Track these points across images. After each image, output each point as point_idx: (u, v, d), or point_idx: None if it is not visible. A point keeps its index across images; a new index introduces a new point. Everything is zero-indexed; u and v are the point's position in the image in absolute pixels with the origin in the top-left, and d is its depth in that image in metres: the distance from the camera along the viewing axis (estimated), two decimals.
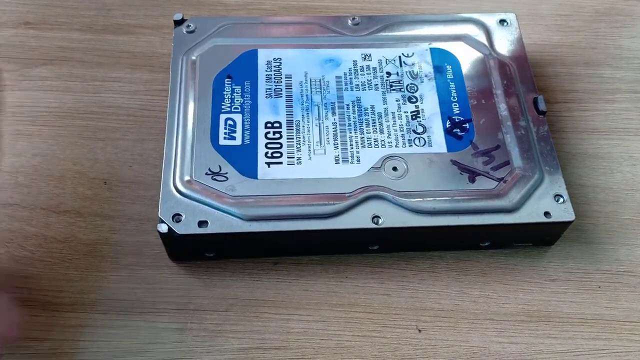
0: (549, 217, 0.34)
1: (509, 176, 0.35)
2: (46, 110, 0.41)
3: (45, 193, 0.38)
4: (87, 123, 0.41)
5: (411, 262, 0.37)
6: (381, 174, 0.35)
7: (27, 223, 0.37)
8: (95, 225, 0.37)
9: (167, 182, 0.34)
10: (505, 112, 0.37)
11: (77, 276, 0.35)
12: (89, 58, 0.44)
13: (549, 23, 0.48)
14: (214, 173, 0.35)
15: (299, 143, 0.36)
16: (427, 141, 0.36)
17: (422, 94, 0.38)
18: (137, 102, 0.42)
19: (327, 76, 0.39)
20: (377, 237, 0.35)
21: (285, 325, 0.34)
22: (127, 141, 0.40)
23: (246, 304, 0.35)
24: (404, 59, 0.39)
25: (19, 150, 0.40)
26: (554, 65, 0.45)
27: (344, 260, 0.36)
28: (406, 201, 0.34)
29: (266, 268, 0.36)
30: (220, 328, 0.34)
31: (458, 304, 0.35)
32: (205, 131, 0.36)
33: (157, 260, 0.36)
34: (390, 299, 0.35)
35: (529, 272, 0.37)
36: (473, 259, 0.37)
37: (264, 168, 0.35)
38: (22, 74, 0.43)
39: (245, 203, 0.34)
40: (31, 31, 0.45)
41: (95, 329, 0.34)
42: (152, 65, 0.44)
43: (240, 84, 0.38)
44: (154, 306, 0.35)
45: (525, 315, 0.35)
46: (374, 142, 0.36)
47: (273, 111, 0.37)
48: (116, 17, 0.46)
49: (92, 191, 0.38)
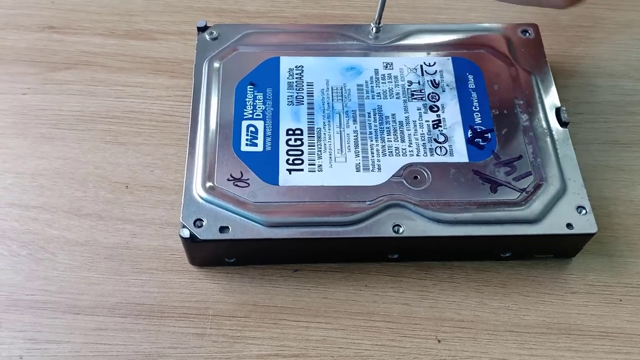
0: (571, 229, 0.33)
1: (531, 187, 0.35)
2: (69, 114, 0.42)
3: (67, 196, 0.38)
4: (110, 127, 0.41)
5: (430, 271, 0.36)
6: (402, 183, 0.35)
7: (49, 225, 0.37)
8: (116, 228, 0.37)
9: (190, 187, 0.34)
10: (527, 123, 0.37)
11: (97, 279, 0.36)
12: (112, 63, 0.44)
13: (570, 34, 0.48)
14: (236, 179, 0.35)
15: (320, 150, 0.36)
16: (449, 150, 0.36)
17: (443, 103, 0.38)
18: (158, 107, 0.42)
19: (349, 84, 0.39)
20: (397, 246, 0.35)
21: (304, 332, 0.34)
22: (148, 146, 0.40)
23: (265, 311, 0.35)
24: (426, 67, 0.39)
25: (42, 153, 0.40)
26: (575, 76, 0.45)
27: (363, 269, 0.36)
28: (427, 211, 0.34)
29: (285, 275, 0.36)
30: (239, 334, 0.34)
31: (478, 314, 0.35)
32: (227, 137, 0.36)
33: (177, 264, 0.36)
34: (409, 308, 0.35)
35: (550, 283, 0.36)
36: (493, 270, 0.36)
37: (285, 175, 0.35)
38: (46, 78, 0.43)
39: (266, 209, 0.34)
40: (55, 35, 0.46)
41: (115, 333, 0.34)
42: (173, 71, 0.44)
43: (263, 91, 0.38)
44: (173, 311, 0.35)
45: (546, 328, 0.35)
46: (395, 150, 0.36)
47: (294, 118, 0.37)
48: (139, 22, 0.47)
49: (114, 195, 0.38)
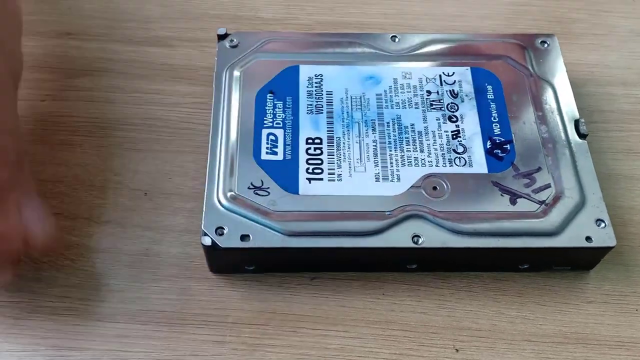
0: (590, 242, 0.34)
1: (551, 199, 0.35)
2: (87, 120, 0.42)
3: (87, 203, 0.39)
4: (128, 134, 0.41)
5: (447, 280, 0.37)
6: (421, 193, 0.35)
7: (69, 232, 0.37)
8: (136, 235, 0.37)
9: (211, 195, 0.35)
10: (546, 134, 0.37)
11: (118, 286, 0.36)
12: (129, 70, 0.44)
13: (584, 42, 0.48)
14: (256, 187, 0.35)
15: (340, 160, 0.36)
16: (468, 161, 0.36)
17: (462, 114, 0.38)
18: (176, 114, 0.43)
19: (368, 93, 0.39)
20: (416, 257, 0.35)
21: (322, 341, 0.35)
22: (166, 153, 0.41)
23: (284, 318, 0.35)
24: (445, 77, 0.40)
25: (61, 160, 0.40)
26: (589, 85, 0.45)
27: (381, 277, 0.37)
28: (446, 222, 0.34)
29: (304, 283, 0.36)
30: (259, 342, 0.34)
31: (495, 324, 0.35)
32: (247, 145, 0.36)
33: (196, 272, 0.37)
34: (427, 317, 0.35)
35: (566, 293, 0.37)
36: (510, 279, 0.37)
37: (305, 184, 0.35)
38: (64, 84, 0.44)
39: (286, 218, 0.34)
40: (72, 42, 0.46)
41: (136, 340, 0.34)
42: (190, 78, 0.44)
43: (282, 100, 0.38)
44: (193, 318, 0.35)
45: (563, 337, 0.35)
46: (414, 160, 0.36)
47: (314, 127, 0.38)
48: (155, 29, 0.47)
49: (133, 202, 0.39)
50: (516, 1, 0.50)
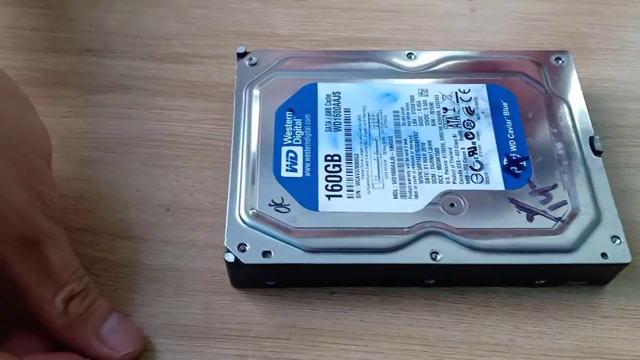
0: (606, 259, 0.34)
1: (567, 216, 0.35)
2: (110, 137, 0.43)
3: (109, 218, 0.39)
4: (149, 150, 0.42)
5: (465, 295, 0.37)
6: (439, 210, 0.36)
7: (93, 248, 0.38)
8: (159, 251, 0.38)
9: (233, 212, 0.35)
10: (562, 151, 0.38)
11: (142, 301, 0.37)
12: (150, 86, 0.45)
13: (597, 57, 0.48)
14: (277, 204, 0.36)
15: (358, 177, 0.37)
16: (485, 178, 0.37)
17: (478, 131, 0.39)
18: (196, 130, 0.43)
19: (385, 110, 0.40)
20: (434, 273, 0.35)
21: (343, 355, 0.35)
22: (187, 169, 0.41)
23: (305, 333, 0.36)
24: (461, 94, 0.40)
25: (84, 176, 0.41)
26: (603, 100, 0.46)
27: (399, 292, 0.37)
28: (464, 238, 0.34)
29: (323, 297, 0.37)
30: (280, 356, 0.35)
31: (513, 338, 0.36)
32: (267, 163, 0.37)
33: (218, 286, 0.37)
34: (445, 332, 0.36)
35: (582, 308, 0.37)
36: (526, 294, 0.37)
37: (325, 201, 0.36)
38: (85, 101, 0.45)
39: (306, 235, 0.35)
40: (93, 58, 0.47)
41: (160, 354, 0.35)
42: (209, 94, 0.45)
43: (301, 117, 0.39)
44: (215, 332, 0.36)
45: (579, 352, 0.36)
46: (432, 177, 0.37)
47: (332, 144, 0.38)
48: (175, 46, 0.48)
49: (155, 217, 0.39)
50: (529, 16, 0.50)
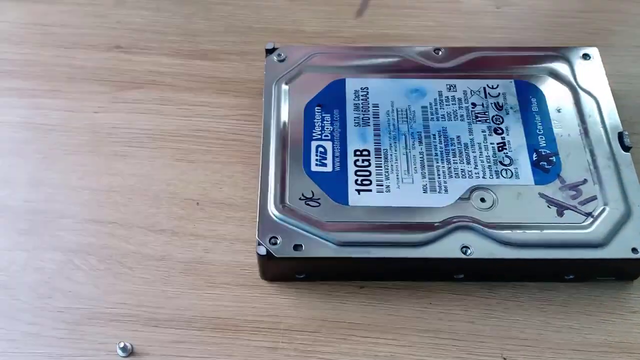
0: (636, 254, 0.34)
1: (597, 211, 0.35)
2: (140, 132, 0.43)
3: (141, 212, 0.40)
4: (179, 145, 0.43)
5: (494, 290, 0.37)
6: (469, 205, 0.36)
7: (126, 241, 0.39)
8: (190, 244, 0.39)
9: (264, 206, 0.36)
10: (591, 147, 0.38)
11: (174, 293, 0.37)
12: (178, 82, 0.46)
13: (622, 54, 0.48)
14: (307, 198, 0.36)
15: (387, 171, 0.37)
16: (514, 173, 0.37)
17: (507, 126, 0.39)
18: (225, 126, 0.44)
19: (413, 106, 0.40)
20: (464, 267, 0.36)
21: (373, 348, 0.36)
22: (216, 164, 0.42)
23: (334, 326, 0.36)
24: (489, 90, 0.40)
25: (116, 171, 0.42)
26: (630, 96, 0.46)
27: (428, 287, 0.37)
28: (495, 232, 0.35)
29: (352, 291, 0.37)
30: (311, 348, 0.35)
31: (542, 333, 0.36)
32: (297, 157, 0.38)
33: (248, 279, 0.38)
34: (474, 326, 0.36)
35: (611, 303, 0.37)
36: (555, 289, 0.37)
37: (354, 195, 0.36)
38: (115, 97, 0.45)
39: (337, 229, 0.35)
40: (122, 55, 0.48)
41: (193, 346, 0.35)
42: (237, 90, 0.46)
43: (330, 112, 0.40)
44: (246, 324, 0.36)
45: (608, 347, 0.36)
46: (461, 172, 0.37)
47: (361, 139, 0.39)
48: (203, 43, 0.48)
49: (186, 211, 0.40)
50: (555, 13, 0.50)
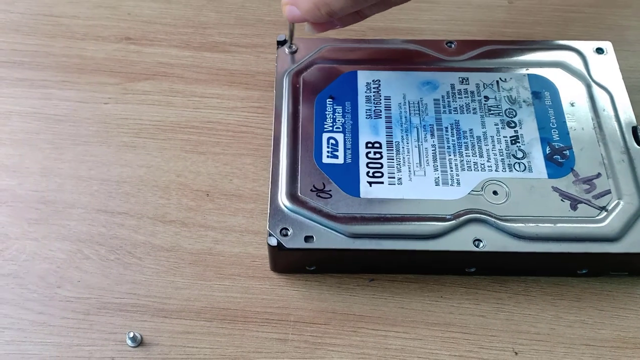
0: None
1: (611, 205, 0.35)
2: (150, 123, 0.43)
3: (151, 203, 0.40)
4: (189, 137, 0.43)
5: (505, 284, 0.37)
6: (482, 198, 0.36)
7: (135, 231, 0.39)
8: (199, 235, 0.39)
9: (275, 197, 0.36)
10: (605, 140, 0.37)
11: (183, 284, 0.37)
12: (188, 74, 0.46)
13: (636, 49, 0.48)
14: (318, 190, 0.36)
15: (399, 164, 0.37)
16: (527, 166, 0.37)
17: (520, 119, 0.39)
18: (234, 118, 0.44)
19: (425, 99, 0.40)
20: (476, 260, 0.35)
21: (383, 341, 0.35)
22: (226, 155, 0.42)
23: (344, 319, 0.36)
24: (502, 83, 0.40)
25: (125, 161, 0.41)
26: None
27: (438, 280, 0.37)
28: (508, 226, 0.34)
29: (362, 284, 0.37)
30: (321, 341, 0.35)
31: (554, 328, 0.36)
32: (309, 149, 0.37)
33: (257, 271, 0.38)
34: (485, 320, 0.36)
35: (624, 298, 0.37)
36: (567, 284, 0.37)
37: (366, 187, 0.36)
38: (125, 88, 0.45)
39: (348, 220, 0.35)
40: (132, 46, 0.47)
41: (202, 336, 0.35)
42: (247, 82, 0.45)
43: (341, 104, 0.39)
44: (256, 316, 0.36)
45: (621, 342, 0.35)
46: (474, 165, 0.37)
47: (373, 132, 0.38)
48: (212, 35, 0.48)
49: (195, 202, 0.40)
50: (567, 8, 0.50)
